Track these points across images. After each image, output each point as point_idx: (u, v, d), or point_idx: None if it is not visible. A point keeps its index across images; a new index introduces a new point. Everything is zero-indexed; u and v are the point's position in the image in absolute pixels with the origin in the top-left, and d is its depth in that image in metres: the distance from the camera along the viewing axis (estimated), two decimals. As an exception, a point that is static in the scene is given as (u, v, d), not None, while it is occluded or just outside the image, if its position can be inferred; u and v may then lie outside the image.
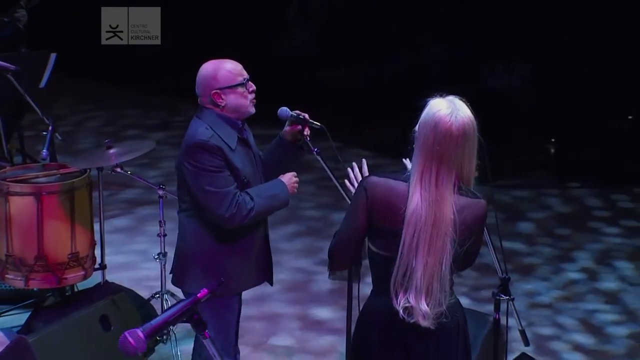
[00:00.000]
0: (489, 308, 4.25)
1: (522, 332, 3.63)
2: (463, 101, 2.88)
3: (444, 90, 2.94)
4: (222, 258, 3.54)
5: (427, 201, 2.79)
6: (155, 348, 4.62)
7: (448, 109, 2.83)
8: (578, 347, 4.93)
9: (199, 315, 2.55)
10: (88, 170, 4.67)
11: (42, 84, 6.60)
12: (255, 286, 3.73)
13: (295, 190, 3.63)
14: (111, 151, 4.52)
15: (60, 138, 5.09)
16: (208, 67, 3.59)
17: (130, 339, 2.44)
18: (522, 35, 9.56)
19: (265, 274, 3.69)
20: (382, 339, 2.88)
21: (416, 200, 2.79)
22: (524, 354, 4.13)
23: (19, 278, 4.59)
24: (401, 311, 2.79)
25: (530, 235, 6.45)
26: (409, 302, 2.80)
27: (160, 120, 9.42)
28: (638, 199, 7.21)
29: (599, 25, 9.14)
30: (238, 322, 3.70)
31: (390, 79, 10.31)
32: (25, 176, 4.65)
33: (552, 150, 8.61)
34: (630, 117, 8.54)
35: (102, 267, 4.89)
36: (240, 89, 3.52)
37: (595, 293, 5.60)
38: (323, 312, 5.30)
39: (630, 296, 5.58)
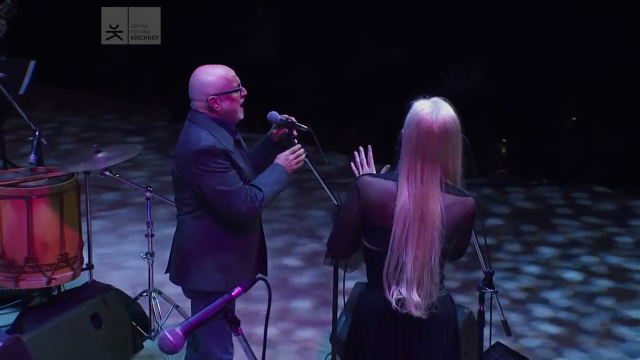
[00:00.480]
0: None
1: (505, 323, 3.78)
2: (446, 101, 3.01)
3: (402, 92, 3.14)
4: (226, 255, 3.66)
5: (414, 197, 2.93)
6: (144, 344, 4.74)
7: (430, 109, 2.96)
8: (546, 335, 5.15)
9: (232, 313, 2.64)
10: (75, 174, 4.80)
11: (22, 91, 6.66)
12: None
13: (298, 165, 3.72)
14: (100, 155, 4.63)
15: (45, 143, 5.22)
16: (205, 73, 3.64)
17: (170, 337, 2.51)
18: (473, 36, 9.72)
19: (260, 267, 3.83)
20: (377, 330, 3.04)
21: (404, 196, 2.93)
22: (498, 343, 4.33)
23: (9, 279, 4.70)
24: (394, 302, 2.93)
25: (496, 231, 6.70)
26: (401, 293, 2.94)
27: (138, 125, 9.50)
28: (596, 197, 7.50)
29: (546, 23, 9.27)
30: None
31: (352, 83, 10.46)
32: (14, 180, 4.76)
33: (504, 150, 8.87)
34: (574, 119, 8.81)
35: (90, 267, 5.01)
36: (234, 95, 3.62)
37: (560, 284, 5.83)
38: (304, 305, 5.49)
39: (592, 287, 5.85)
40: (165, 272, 3.85)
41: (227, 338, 3.70)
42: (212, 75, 3.61)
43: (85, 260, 5.01)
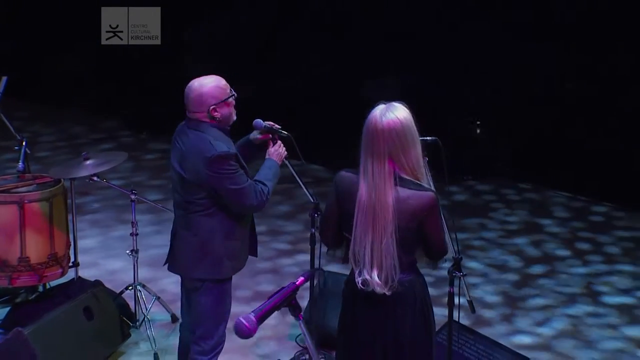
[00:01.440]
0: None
1: (470, 302, 4.02)
2: (401, 105, 3.32)
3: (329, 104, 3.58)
4: (234, 243, 4.03)
5: (367, 190, 3.27)
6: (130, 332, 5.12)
7: (380, 111, 3.28)
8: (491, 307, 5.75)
9: (296, 301, 2.88)
10: (62, 180, 5.17)
11: None
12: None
13: (285, 154, 4.12)
14: (88, 162, 4.99)
15: (29, 152, 5.58)
16: (201, 85, 3.92)
17: (246, 323, 2.71)
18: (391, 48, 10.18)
19: (252, 250, 4.22)
20: (352, 306, 3.41)
21: (361, 189, 3.29)
22: (453, 320, 4.74)
23: (2, 278, 5.02)
24: (359, 283, 3.30)
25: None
26: (364, 275, 3.30)
27: (107, 135, 9.76)
28: (521, 192, 8.15)
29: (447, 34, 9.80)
30: None
31: (282, 96, 10.92)
32: (5, 186, 5.09)
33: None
34: (478, 122, 9.29)
35: (76, 264, 5.33)
36: (230, 100, 3.96)
37: (502, 268, 6.41)
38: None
39: (537, 267, 6.49)
40: (165, 264, 4.16)
41: (223, 321, 4.08)
42: (208, 86, 3.91)
43: (72, 259, 5.32)
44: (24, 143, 5.31)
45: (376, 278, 3.28)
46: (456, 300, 3.76)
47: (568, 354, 5.20)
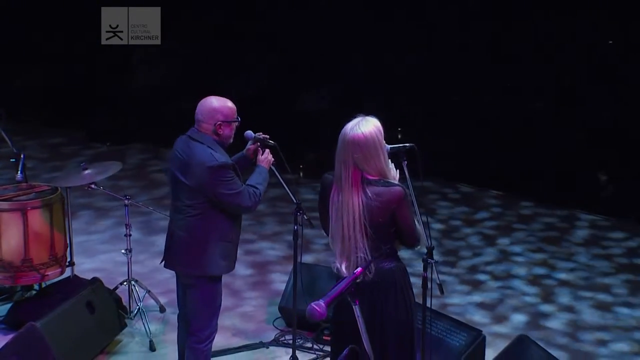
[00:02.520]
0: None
1: (440, 285, 4.38)
2: (371, 119, 3.75)
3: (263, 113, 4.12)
4: (227, 245, 4.49)
5: (337, 192, 3.77)
6: (127, 322, 5.62)
7: (351, 124, 3.73)
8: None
9: (355, 288, 3.23)
10: (59, 188, 5.67)
11: None
12: None
13: (272, 161, 4.59)
14: (87, 172, 5.48)
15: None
16: (216, 101, 4.40)
17: (317, 308, 3.07)
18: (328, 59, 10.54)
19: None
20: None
21: (333, 191, 3.80)
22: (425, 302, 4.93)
23: (7, 278, 5.52)
24: (335, 270, 3.81)
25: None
26: (337, 265, 3.80)
27: (84, 146, 10.20)
28: (460, 192, 8.92)
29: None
30: None
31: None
32: (8, 195, 5.57)
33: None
34: (399, 129, 9.71)
35: (71, 264, 5.83)
36: (234, 124, 4.45)
37: (452, 253, 7.19)
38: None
39: (490, 252, 7.30)
40: (161, 263, 4.62)
41: (216, 314, 4.57)
42: (222, 104, 4.40)
43: (68, 259, 5.81)
44: (22, 156, 5.76)
45: (344, 269, 3.77)
46: (429, 285, 4.15)
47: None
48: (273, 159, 4.59)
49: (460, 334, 5.10)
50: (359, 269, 3.35)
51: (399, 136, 9.89)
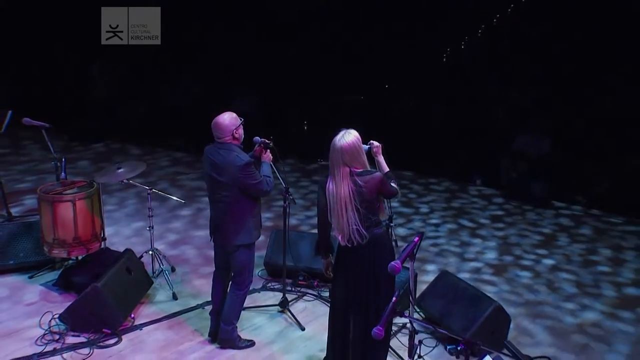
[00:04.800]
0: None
1: (395, 241, 5.74)
2: (352, 131, 4.99)
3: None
4: (254, 219, 5.90)
5: (332, 185, 5.04)
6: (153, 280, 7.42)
7: (338, 136, 4.97)
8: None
9: (413, 252, 4.16)
10: (95, 182, 7.39)
11: (2, 130, 8.74)
12: None
13: (271, 158, 6.01)
14: (120, 170, 7.17)
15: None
16: (224, 118, 5.71)
17: (397, 265, 3.95)
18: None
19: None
20: (341, 254, 5.25)
21: (329, 184, 5.07)
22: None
23: (62, 251, 7.13)
24: (339, 240, 5.10)
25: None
26: (338, 237, 5.11)
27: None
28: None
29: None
30: None
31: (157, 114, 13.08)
32: (58, 190, 7.24)
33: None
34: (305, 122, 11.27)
35: (104, 239, 7.54)
36: (241, 125, 5.83)
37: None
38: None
39: (447, 237, 9.34)
40: (211, 240, 6.08)
41: (252, 269, 6.10)
42: (229, 119, 5.75)
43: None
44: (62, 160, 7.46)
45: (340, 239, 5.14)
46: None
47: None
48: (271, 157, 6.15)
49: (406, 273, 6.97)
50: (416, 238, 4.44)
51: (305, 128, 12.05)
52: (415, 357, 4.49)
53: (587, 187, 10.56)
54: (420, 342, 4.62)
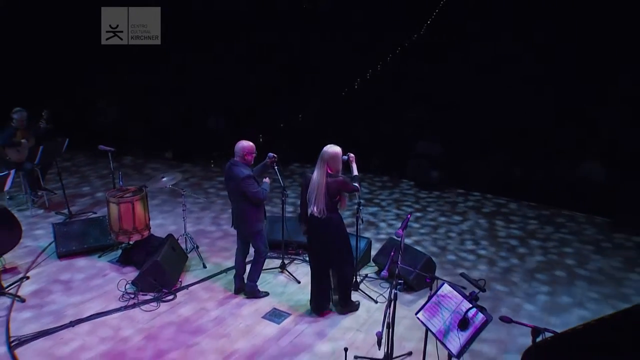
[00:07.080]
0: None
1: (361, 220, 8.57)
2: (335, 145, 7.16)
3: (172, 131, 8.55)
4: (260, 215, 8.12)
5: (315, 176, 7.31)
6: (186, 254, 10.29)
7: (326, 147, 7.14)
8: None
9: (406, 225, 6.82)
10: (144, 187, 10.24)
11: (62, 152, 11.29)
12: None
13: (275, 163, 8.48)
14: (164, 179, 9.93)
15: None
16: (243, 144, 7.73)
17: (400, 232, 6.21)
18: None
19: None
20: (311, 225, 7.67)
21: (313, 175, 7.34)
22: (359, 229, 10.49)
23: (125, 238, 9.74)
24: (311, 212, 7.47)
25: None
26: (312, 209, 7.42)
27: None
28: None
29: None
30: None
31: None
32: (119, 194, 9.94)
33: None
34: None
35: (149, 227, 10.31)
36: (253, 154, 7.88)
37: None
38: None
39: (419, 232, 12.46)
40: (232, 226, 8.79)
41: (266, 246, 8.69)
42: (246, 145, 7.83)
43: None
44: (119, 173, 10.29)
45: (315, 211, 7.47)
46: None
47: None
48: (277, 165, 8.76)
49: (364, 240, 10.06)
50: (409, 215, 6.88)
51: (260, 140, 13.46)
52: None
53: (465, 177, 13.77)
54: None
